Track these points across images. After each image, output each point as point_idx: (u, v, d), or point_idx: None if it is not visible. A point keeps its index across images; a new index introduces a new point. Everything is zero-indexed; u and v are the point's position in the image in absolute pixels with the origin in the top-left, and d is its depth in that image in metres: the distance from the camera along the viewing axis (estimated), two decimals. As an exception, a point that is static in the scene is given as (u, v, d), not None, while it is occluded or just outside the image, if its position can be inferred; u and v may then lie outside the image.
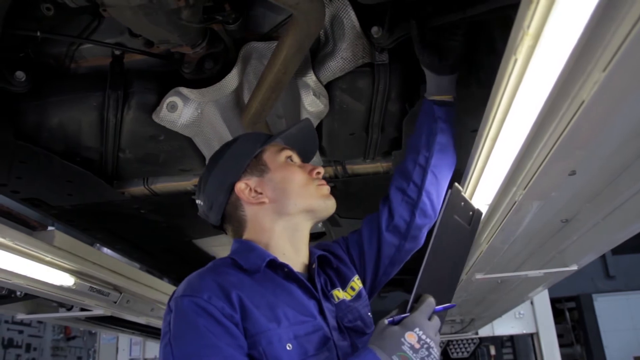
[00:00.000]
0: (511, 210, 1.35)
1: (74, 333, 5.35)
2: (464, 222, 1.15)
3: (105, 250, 2.75)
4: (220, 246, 2.95)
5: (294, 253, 1.24)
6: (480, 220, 1.12)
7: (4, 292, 1.99)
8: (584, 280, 6.44)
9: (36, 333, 4.89)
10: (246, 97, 1.74)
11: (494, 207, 1.40)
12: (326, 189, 1.31)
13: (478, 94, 1.63)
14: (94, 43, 1.56)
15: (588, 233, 1.75)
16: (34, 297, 2.08)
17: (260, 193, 1.24)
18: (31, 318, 2.33)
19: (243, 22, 1.49)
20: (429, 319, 1.02)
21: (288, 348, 1.05)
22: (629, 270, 6.74)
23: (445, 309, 1.09)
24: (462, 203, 1.09)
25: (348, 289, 1.28)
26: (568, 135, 0.94)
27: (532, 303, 4.46)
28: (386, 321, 1.02)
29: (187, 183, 2.14)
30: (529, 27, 0.80)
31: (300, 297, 1.16)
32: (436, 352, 1.00)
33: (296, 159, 1.34)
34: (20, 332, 4.67)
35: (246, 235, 1.26)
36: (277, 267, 1.18)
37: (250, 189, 1.24)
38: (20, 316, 2.32)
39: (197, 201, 1.33)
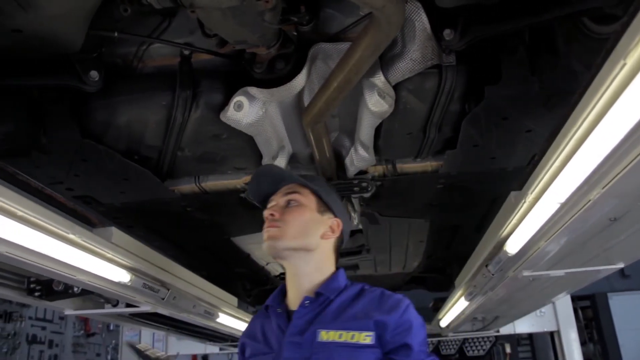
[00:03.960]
0: (583, 208, 1.38)
1: (93, 330, 5.39)
2: None
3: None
4: (256, 244, 2.98)
5: (291, 290, 1.48)
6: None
7: (60, 287, 2.02)
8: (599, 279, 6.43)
9: (58, 329, 4.92)
10: (305, 97, 1.76)
11: (564, 204, 1.43)
12: (266, 232, 1.45)
13: (539, 95, 1.68)
14: (166, 43, 1.58)
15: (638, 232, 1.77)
16: (89, 293, 2.11)
17: None
18: (80, 314, 2.37)
19: (315, 23, 1.52)
20: None
21: None
22: (645, 269, 6.76)
23: None
24: None
25: (346, 334, 1.34)
26: (668, 137, 0.97)
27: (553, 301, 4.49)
28: None
29: (237, 181, 2.17)
30: (648, 33, 0.83)
31: (276, 331, 1.41)
32: None
33: (270, 204, 1.51)
34: (43, 328, 4.70)
35: None
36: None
37: None
38: (68, 312, 2.35)
39: None
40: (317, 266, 1.46)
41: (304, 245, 1.44)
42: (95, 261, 1.77)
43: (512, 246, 1.87)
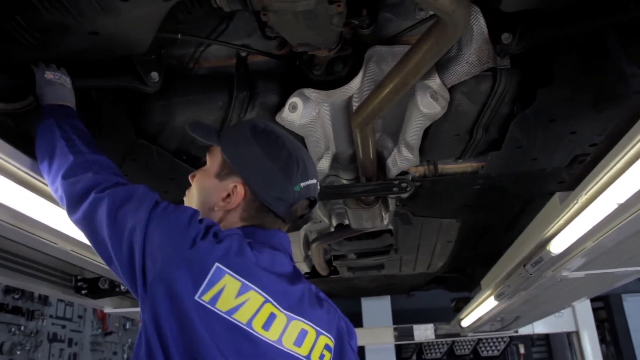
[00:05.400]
0: (641, 210, 1.41)
1: (110, 329, 5.42)
2: None
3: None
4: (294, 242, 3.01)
5: None
6: None
7: (106, 285, 2.05)
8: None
9: (77, 328, 4.95)
10: (354, 99, 1.79)
11: (623, 205, 1.46)
12: None
13: (588, 97, 1.70)
14: (225, 45, 1.61)
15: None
16: (134, 291, 2.14)
17: None
18: (119, 312, 2.40)
19: (375, 26, 1.54)
20: None
21: None
22: (658, 270, 6.69)
23: None
24: None
25: None
26: None
27: (571, 302, 4.51)
28: None
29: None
30: None
31: None
32: None
33: None
34: (63, 326, 4.73)
35: None
36: None
37: None
38: (108, 310, 2.38)
39: None
40: None
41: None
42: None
43: (557, 246, 1.89)
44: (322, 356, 1.18)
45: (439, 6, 1.24)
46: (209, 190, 1.26)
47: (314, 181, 1.29)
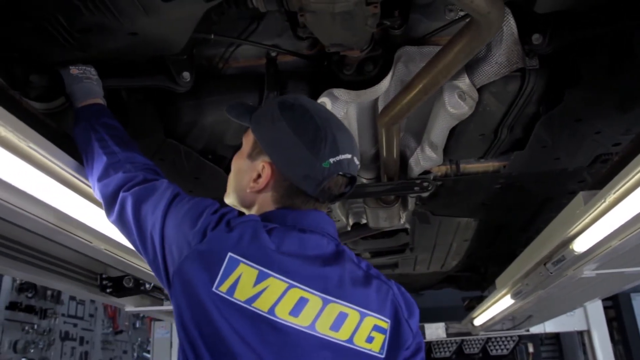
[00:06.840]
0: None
1: (120, 327, 5.45)
2: None
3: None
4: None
5: None
6: None
7: (131, 284, 2.06)
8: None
9: (88, 327, 4.98)
10: (380, 99, 1.80)
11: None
12: None
13: (614, 97, 1.71)
14: (257, 45, 1.62)
15: None
16: (158, 290, 2.15)
17: None
18: (139, 311, 2.41)
19: (406, 27, 1.55)
20: None
21: None
22: (667, 269, 6.68)
23: None
24: None
25: None
26: None
27: (582, 301, 4.52)
28: None
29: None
30: None
31: None
32: None
33: None
34: (75, 325, 4.76)
35: None
36: None
37: None
38: (129, 309, 2.39)
39: None
40: None
41: (238, 203, 1.26)
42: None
43: (581, 245, 1.90)
44: (370, 339, 1.13)
45: (475, 7, 1.25)
46: (242, 172, 1.23)
47: (347, 156, 1.17)
